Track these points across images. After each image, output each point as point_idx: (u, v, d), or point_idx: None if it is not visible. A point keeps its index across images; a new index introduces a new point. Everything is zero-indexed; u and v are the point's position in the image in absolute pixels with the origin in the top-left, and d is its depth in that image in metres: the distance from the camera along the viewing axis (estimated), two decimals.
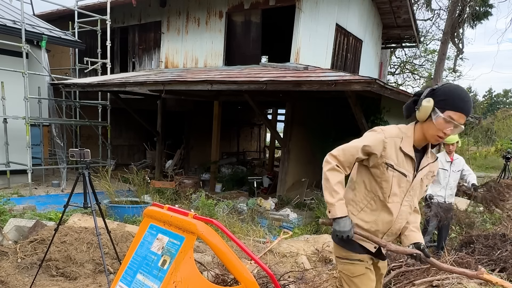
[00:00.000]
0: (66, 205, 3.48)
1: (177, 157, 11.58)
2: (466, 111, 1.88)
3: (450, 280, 3.38)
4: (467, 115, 1.89)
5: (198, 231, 1.12)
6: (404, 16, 12.12)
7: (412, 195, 2.07)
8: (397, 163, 2.00)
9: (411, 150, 2.02)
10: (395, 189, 2.02)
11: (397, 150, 2.00)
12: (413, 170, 2.02)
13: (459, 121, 1.86)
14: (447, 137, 1.92)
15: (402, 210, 2.06)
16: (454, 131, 1.90)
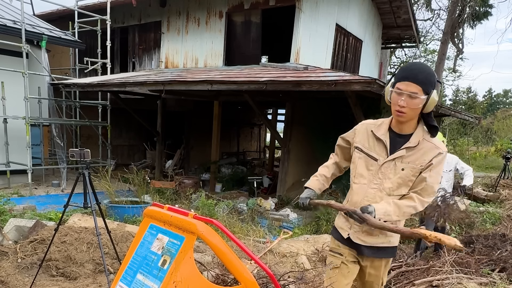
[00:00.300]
0: (66, 205, 3.48)
1: (177, 157, 11.58)
2: (412, 78, 1.87)
3: (450, 280, 3.38)
4: (415, 82, 1.87)
5: (198, 231, 1.12)
6: (404, 16, 12.12)
7: (382, 178, 2.04)
8: (368, 147, 2.09)
9: (383, 134, 2.06)
10: (362, 171, 2.09)
11: (369, 135, 2.10)
12: (386, 153, 2.04)
13: (408, 89, 1.87)
14: (404, 109, 1.90)
15: (369, 192, 2.06)
16: (410, 103, 1.88)
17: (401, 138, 2.03)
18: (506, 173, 10.31)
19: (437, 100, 1.93)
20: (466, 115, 10.82)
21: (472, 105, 28.94)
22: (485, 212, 7.13)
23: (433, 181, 1.96)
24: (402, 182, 2.01)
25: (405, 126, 2.02)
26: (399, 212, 1.95)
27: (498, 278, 3.55)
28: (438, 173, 1.98)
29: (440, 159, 1.98)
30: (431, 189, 1.97)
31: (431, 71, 1.94)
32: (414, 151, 1.99)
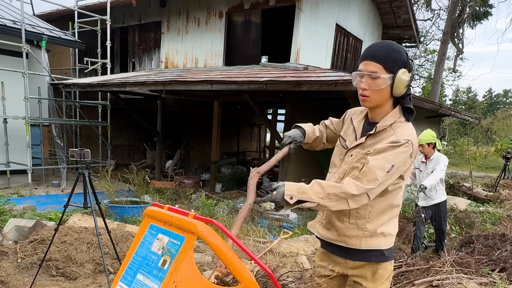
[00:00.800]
0: (66, 205, 3.49)
1: (177, 157, 11.58)
2: (370, 56, 1.67)
3: (450, 280, 3.38)
4: (373, 60, 1.66)
5: (198, 231, 1.12)
6: (404, 16, 12.12)
7: (344, 169, 1.82)
8: (345, 134, 1.91)
9: (358, 121, 1.87)
10: (334, 159, 1.91)
11: (349, 122, 1.93)
12: (355, 141, 1.83)
13: (366, 69, 1.67)
14: (366, 92, 1.68)
15: (331, 181, 1.82)
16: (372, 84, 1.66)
17: (370, 126, 1.80)
18: (506, 173, 10.33)
19: (407, 80, 1.66)
20: (466, 115, 10.83)
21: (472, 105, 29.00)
22: (485, 212, 7.14)
23: (376, 165, 1.61)
24: (347, 169, 1.79)
25: (376, 113, 1.77)
26: (322, 193, 1.60)
27: (498, 278, 3.55)
28: (385, 159, 1.62)
29: (394, 145, 1.64)
30: (371, 174, 1.60)
31: (396, 47, 1.69)
32: (375, 139, 1.73)
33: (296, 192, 1.60)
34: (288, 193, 1.59)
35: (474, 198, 8.44)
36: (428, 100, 8.31)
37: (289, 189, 1.60)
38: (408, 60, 1.68)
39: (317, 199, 1.60)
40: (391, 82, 1.65)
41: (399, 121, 1.73)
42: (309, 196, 1.60)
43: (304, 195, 1.60)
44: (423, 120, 9.19)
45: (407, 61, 1.67)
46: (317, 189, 1.61)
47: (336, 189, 1.61)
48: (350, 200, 1.61)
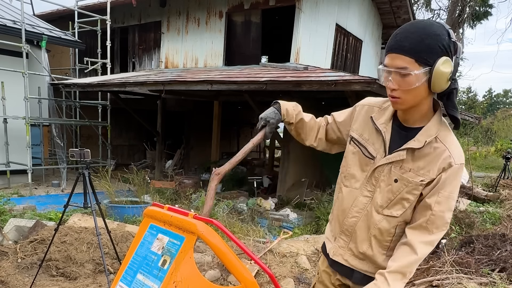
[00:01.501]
0: (66, 205, 3.49)
1: (177, 157, 11.58)
2: (396, 47, 1.29)
3: (450, 280, 3.38)
4: (401, 52, 1.27)
5: (198, 231, 1.12)
6: (404, 16, 12.12)
7: (375, 186, 1.46)
8: (366, 138, 1.51)
9: (384, 122, 1.46)
10: (354, 171, 1.53)
11: (369, 120, 1.52)
12: (384, 151, 1.44)
13: (393, 64, 1.29)
14: (395, 93, 1.33)
15: (359, 201, 1.50)
16: (402, 83, 1.30)
17: (406, 132, 1.42)
18: (506, 173, 10.32)
19: (449, 72, 1.26)
20: (466, 115, 10.82)
21: (472, 105, 29.01)
22: (485, 212, 7.13)
23: (443, 209, 1.34)
24: (393, 199, 1.42)
25: (411, 116, 1.40)
26: (403, 277, 1.37)
27: (498, 278, 3.54)
28: (450, 198, 1.35)
29: (453, 173, 1.34)
30: (440, 220, 1.35)
31: (432, 30, 1.26)
32: (420, 155, 1.38)
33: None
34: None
35: (474, 198, 8.43)
36: None
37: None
38: (451, 43, 1.26)
39: (402, 284, 1.37)
40: (428, 77, 1.27)
41: (443, 129, 1.39)
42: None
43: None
44: None
45: (448, 45, 1.26)
46: (397, 277, 1.37)
47: (413, 263, 1.38)
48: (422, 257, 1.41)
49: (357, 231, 1.51)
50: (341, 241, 1.57)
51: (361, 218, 1.50)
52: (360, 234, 1.51)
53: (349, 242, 1.54)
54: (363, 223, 1.49)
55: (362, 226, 1.50)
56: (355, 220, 1.51)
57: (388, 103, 1.50)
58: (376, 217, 1.46)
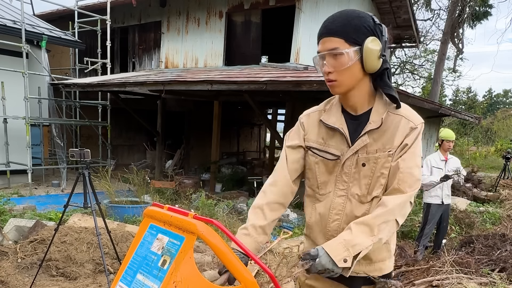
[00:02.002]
0: (66, 205, 3.49)
1: (177, 157, 11.58)
2: (326, 32, 1.35)
3: (450, 280, 3.38)
4: (331, 34, 1.34)
5: (198, 231, 1.12)
6: (404, 16, 12.12)
7: (348, 181, 1.46)
8: (323, 143, 1.50)
9: (336, 120, 1.47)
10: (324, 177, 1.51)
11: (320, 125, 1.52)
12: (347, 146, 1.45)
13: (325, 47, 1.35)
14: (331, 76, 1.37)
15: (335, 202, 1.48)
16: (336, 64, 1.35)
17: (358, 120, 1.45)
18: (506, 173, 10.33)
19: (378, 49, 1.32)
20: (466, 115, 10.84)
21: (472, 105, 29.00)
22: (485, 212, 7.14)
23: (410, 165, 1.37)
24: (371, 182, 1.43)
25: (355, 101, 1.44)
26: (371, 229, 1.33)
27: (498, 278, 3.55)
28: (414, 154, 1.39)
29: (415, 135, 1.39)
30: (410, 178, 1.37)
31: (356, 13, 1.35)
32: (380, 133, 1.41)
33: (346, 252, 1.28)
34: (338, 258, 1.27)
35: (474, 198, 8.44)
36: (428, 100, 8.32)
37: (335, 253, 1.28)
38: (376, 26, 1.35)
39: (370, 241, 1.31)
40: (359, 56, 1.33)
41: (389, 104, 1.43)
42: (361, 244, 1.30)
43: (357, 247, 1.29)
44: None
45: (375, 27, 1.35)
46: (363, 229, 1.33)
47: (383, 216, 1.34)
48: (398, 218, 1.36)
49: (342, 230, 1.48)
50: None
51: (343, 219, 1.48)
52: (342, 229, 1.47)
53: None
54: (345, 224, 1.44)
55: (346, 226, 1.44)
56: (337, 223, 1.49)
57: (329, 104, 1.55)
58: (363, 207, 1.44)
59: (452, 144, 4.99)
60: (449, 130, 5.15)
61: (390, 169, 1.40)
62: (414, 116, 1.42)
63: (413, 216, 6.27)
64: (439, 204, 4.90)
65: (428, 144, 10.05)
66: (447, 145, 4.93)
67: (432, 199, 4.92)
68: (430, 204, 4.94)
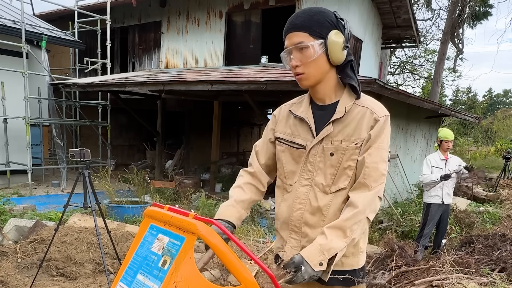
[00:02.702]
0: (66, 205, 3.49)
1: (177, 157, 11.58)
2: (291, 28, 1.45)
3: (450, 280, 3.38)
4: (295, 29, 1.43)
5: (199, 231, 1.12)
6: (404, 16, 12.12)
7: (312, 170, 1.47)
8: (290, 133, 1.55)
9: (303, 110, 1.53)
10: (290, 166, 1.54)
11: (289, 116, 1.58)
12: (312, 135, 1.49)
13: (289, 43, 1.46)
14: (299, 69, 1.45)
15: (299, 192, 1.50)
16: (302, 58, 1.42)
17: (324, 111, 1.49)
18: (506, 173, 10.33)
19: (341, 41, 1.39)
20: (466, 115, 10.83)
21: (472, 105, 29.01)
22: (485, 212, 7.14)
23: (376, 160, 1.39)
24: (337, 172, 1.44)
25: (323, 92, 1.48)
26: (344, 234, 1.34)
27: (498, 278, 3.55)
28: (380, 148, 1.40)
29: (380, 126, 1.40)
30: (375, 172, 1.38)
31: (317, 9, 1.43)
32: (345, 123, 1.44)
33: (321, 256, 1.31)
34: (314, 262, 1.30)
35: (474, 198, 8.44)
36: (428, 100, 8.32)
37: (312, 259, 1.31)
38: (339, 20, 1.42)
39: (343, 243, 1.34)
40: (324, 49, 1.39)
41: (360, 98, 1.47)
42: (335, 247, 1.33)
43: (332, 251, 1.32)
44: (423, 120, 9.19)
45: (337, 21, 1.41)
46: (337, 233, 1.35)
47: (354, 217, 1.36)
48: (369, 215, 1.38)
49: (305, 223, 1.49)
50: (292, 241, 1.53)
51: (306, 208, 1.49)
52: (310, 225, 1.48)
53: (300, 239, 1.51)
54: (308, 214, 1.48)
55: (308, 216, 1.48)
56: (300, 213, 1.50)
57: (301, 98, 1.60)
58: (326, 198, 1.46)
59: (451, 144, 4.99)
60: (448, 130, 5.15)
61: (357, 163, 1.42)
62: (378, 108, 1.44)
63: (413, 216, 6.27)
64: (439, 204, 4.90)
65: (428, 144, 10.05)
66: (445, 145, 4.94)
67: (433, 199, 4.92)
68: (430, 204, 4.94)
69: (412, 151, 8.89)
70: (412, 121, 8.39)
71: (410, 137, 8.57)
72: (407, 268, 3.77)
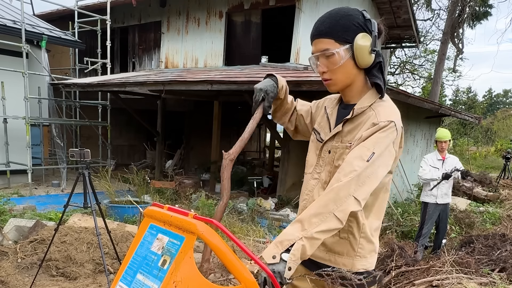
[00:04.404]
0: (66, 205, 3.49)
1: (177, 157, 11.58)
2: (316, 34, 1.41)
3: (450, 280, 3.38)
4: (321, 36, 1.40)
5: (198, 231, 1.12)
6: (404, 16, 12.12)
7: (322, 166, 1.52)
8: (318, 125, 1.62)
9: (331, 107, 1.58)
10: (309, 157, 1.62)
11: (324, 110, 1.63)
12: (330, 131, 1.54)
13: (316, 49, 1.43)
14: (326, 75, 1.44)
15: (309, 183, 1.56)
16: (329, 64, 1.41)
17: (346, 110, 1.50)
18: (506, 173, 10.33)
19: (368, 44, 1.36)
20: (466, 115, 10.83)
21: (472, 105, 29.02)
22: (485, 212, 7.14)
23: (354, 155, 1.33)
24: (332, 170, 1.47)
25: (350, 95, 1.50)
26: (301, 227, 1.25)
27: (498, 278, 3.55)
28: (363, 146, 1.33)
29: (374, 129, 1.35)
30: (347, 167, 1.31)
31: (344, 12, 1.39)
32: (354, 124, 1.44)
33: (275, 249, 1.22)
34: (267, 256, 1.21)
35: (474, 198, 8.44)
36: (428, 100, 8.32)
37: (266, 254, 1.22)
38: (366, 22, 1.38)
39: (299, 234, 1.22)
40: (351, 54, 1.37)
41: (380, 101, 1.44)
42: (288, 239, 1.22)
43: (284, 242, 1.22)
44: (423, 120, 9.19)
45: (364, 23, 1.38)
46: (295, 225, 1.26)
47: (313, 209, 1.27)
48: (337, 213, 1.25)
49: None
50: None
51: (309, 200, 1.52)
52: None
53: None
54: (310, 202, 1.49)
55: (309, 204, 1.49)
56: (304, 203, 1.54)
57: (338, 94, 1.59)
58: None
59: (446, 145, 4.94)
60: (443, 130, 5.11)
61: None
62: (383, 114, 1.39)
63: (413, 216, 6.28)
64: (435, 204, 4.90)
65: (428, 144, 10.05)
66: (439, 145, 4.94)
67: (428, 198, 4.93)
68: (427, 204, 4.95)
69: (412, 151, 8.89)
70: (412, 121, 8.38)
71: (410, 137, 8.57)
72: (407, 268, 3.77)
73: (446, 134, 4.97)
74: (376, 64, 1.42)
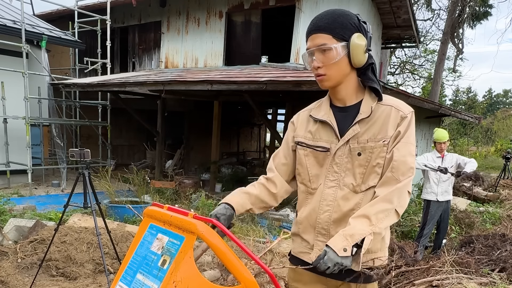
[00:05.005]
0: (66, 205, 3.49)
1: (177, 157, 11.58)
2: (314, 29, 1.47)
3: (450, 280, 3.38)
4: (319, 31, 1.45)
5: (198, 231, 1.12)
6: (404, 16, 12.11)
7: (339, 172, 1.49)
8: (311, 137, 1.56)
9: (325, 113, 1.54)
10: (315, 170, 1.55)
11: (309, 121, 1.59)
12: (336, 137, 1.50)
13: (314, 43, 1.46)
14: (321, 70, 1.46)
15: (326, 193, 1.50)
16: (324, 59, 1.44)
17: (346, 112, 1.50)
18: (506, 173, 10.33)
19: (364, 44, 1.41)
20: (466, 115, 10.83)
21: (472, 105, 29.03)
22: (485, 212, 7.14)
23: (404, 154, 1.40)
24: (366, 171, 1.45)
25: (344, 93, 1.50)
26: (369, 222, 1.34)
27: (498, 278, 3.54)
28: (408, 142, 1.42)
29: (406, 122, 1.43)
30: (404, 166, 1.39)
31: (341, 11, 1.47)
32: (370, 123, 1.45)
33: (345, 241, 1.29)
34: (338, 248, 1.28)
35: (474, 198, 8.44)
36: (428, 100, 8.31)
37: (335, 244, 1.29)
38: (361, 23, 1.46)
39: (368, 229, 1.32)
40: (346, 51, 1.41)
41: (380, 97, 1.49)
42: (359, 233, 1.31)
43: (355, 236, 1.30)
44: (423, 120, 9.19)
45: (359, 24, 1.45)
46: (361, 220, 1.34)
47: (378, 205, 1.36)
48: (398, 208, 1.38)
49: (333, 225, 1.49)
50: (320, 244, 1.51)
51: (334, 209, 1.49)
52: (338, 226, 1.46)
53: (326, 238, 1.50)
54: (337, 214, 1.48)
55: (337, 217, 1.48)
56: (328, 214, 1.50)
57: (319, 102, 1.62)
58: (357, 197, 1.47)
59: (444, 146, 4.93)
60: (442, 130, 5.10)
61: (385, 159, 1.44)
62: (403, 106, 1.48)
63: (413, 216, 6.27)
64: (437, 202, 4.89)
65: (428, 144, 10.05)
66: (438, 146, 4.94)
67: (429, 195, 4.93)
68: (429, 202, 4.93)
69: None
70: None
71: None
72: (407, 268, 3.77)
73: (444, 135, 4.96)
74: (368, 65, 1.46)
